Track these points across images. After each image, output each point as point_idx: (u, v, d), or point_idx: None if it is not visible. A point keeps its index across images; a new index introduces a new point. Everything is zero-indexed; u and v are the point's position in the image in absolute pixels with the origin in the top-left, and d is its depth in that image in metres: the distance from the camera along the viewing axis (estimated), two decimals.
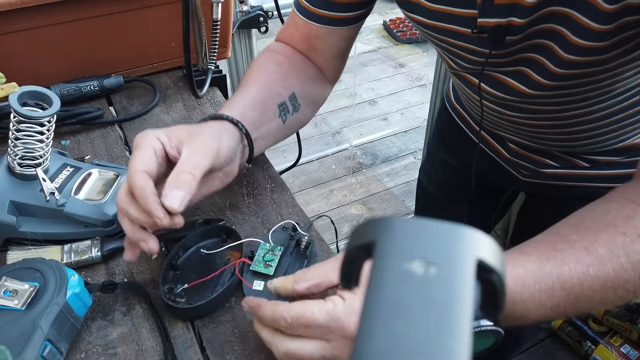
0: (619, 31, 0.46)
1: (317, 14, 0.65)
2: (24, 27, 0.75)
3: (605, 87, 0.55)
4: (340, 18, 0.65)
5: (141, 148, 0.49)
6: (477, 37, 0.54)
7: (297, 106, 0.67)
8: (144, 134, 0.51)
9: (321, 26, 0.66)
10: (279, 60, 0.68)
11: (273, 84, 0.64)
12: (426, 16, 0.57)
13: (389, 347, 0.18)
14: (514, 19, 0.49)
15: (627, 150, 0.67)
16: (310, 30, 0.68)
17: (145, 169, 0.48)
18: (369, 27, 3.29)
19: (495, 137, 0.77)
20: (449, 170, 0.92)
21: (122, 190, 0.49)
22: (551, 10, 0.47)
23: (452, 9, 0.54)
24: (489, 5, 0.50)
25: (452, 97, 0.87)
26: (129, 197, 0.48)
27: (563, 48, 0.49)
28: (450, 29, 0.56)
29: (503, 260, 0.22)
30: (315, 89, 0.72)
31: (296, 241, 0.58)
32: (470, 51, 0.57)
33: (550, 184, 0.75)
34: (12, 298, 0.46)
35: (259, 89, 0.63)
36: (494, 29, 0.51)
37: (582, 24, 0.46)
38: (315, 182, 2.16)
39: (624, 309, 1.40)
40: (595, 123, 0.62)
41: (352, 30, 0.68)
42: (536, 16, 0.48)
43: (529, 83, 0.56)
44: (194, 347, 0.50)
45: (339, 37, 0.68)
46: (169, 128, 0.53)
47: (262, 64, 0.68)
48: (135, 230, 0.49)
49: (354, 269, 0.23)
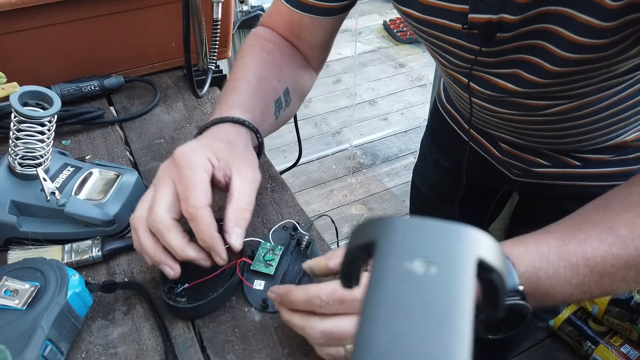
0: (620, 29, 0.46)
1: (301, 2, 0.65)
2: (24, 27, 0.75)
3: (598, 83, 0.55)
4: (326, 7, 0.65)
5: (194, 170, 0.47)
6: (467, 33, 0.54)
7: (288, 101, 0.67)
8: (191, 151, 0.49)
9: (305, 14, 0.66)
10: (270, 49, 0.67)
11: (270, 76, 0.64)
12: (418, 10, 0.57)
13: (389, 346, 0.18)
14: (506, 15, 0.49)
15: (618, 148, 0.68)
16: (294, 19, 0.67)
17: (208, 202, 0.47)
18: (369, 27, 3.29)
19: (486, 137, 0.77)
20: (441, 171, 0.93)
21: (163, 212, 0.47)
22: (546, 10, 0.47)
23: (444, 3, 0.53)
24: (480, 0, 0.50)
25: (443, 96, 0.87)
26: (176, 226, 0.47)
27: (559, 46, 0.49)
28: (442, 24, 0.56)
29: (503, 259, 0.22)
30: (304, 79, 0.72)
31: (297, 241, 0.58)
32: (461, 47, 0.57)
33: (542, 183, 0.75)
34: (12, 298, 0.46)
35: (259, 82, 0.62)
36: (484, 25, 0.51)
37: (582, 21, 0.46)
38: (315, 182, 2.16)
39: (624, 309, 1.40)
40: (586, 119, 0.62)
41: (336, 21, 0.68)
42: (529, 15, 0.48)
43: (520, 82, 0.56)
44: (194, 346, 0.50)
45: (323, 27, 0.68)
46: (209, 142, 0.51)
47: (255, 53, 0.67)
48: (160, 253, 0.48)
49: (354, 268, 0.23)
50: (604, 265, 0.42)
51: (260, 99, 0.61)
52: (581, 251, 0.42)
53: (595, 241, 0.43)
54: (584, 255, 0.42)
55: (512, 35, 0.51)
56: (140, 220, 0.48)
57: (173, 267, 0.48)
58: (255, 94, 0.61)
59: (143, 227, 0.48)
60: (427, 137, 0.97)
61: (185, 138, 0.76)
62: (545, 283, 0.42)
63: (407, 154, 2.30)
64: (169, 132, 0.78)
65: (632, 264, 0.42)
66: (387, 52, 3.07)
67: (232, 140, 0.54)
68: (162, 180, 0.49)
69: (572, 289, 0.42)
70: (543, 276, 0.42)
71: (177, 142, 0.76)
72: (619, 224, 0.43)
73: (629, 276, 0.42)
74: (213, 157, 0.50)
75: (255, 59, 0.66)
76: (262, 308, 0.53)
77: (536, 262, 0.42)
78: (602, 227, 0.43)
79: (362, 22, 3.31)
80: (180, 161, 0.48)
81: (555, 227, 0.45)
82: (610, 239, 0.42)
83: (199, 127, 0.78)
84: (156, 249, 0.48)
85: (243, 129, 0.56)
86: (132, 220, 0.49)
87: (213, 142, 0.52)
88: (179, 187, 0.48)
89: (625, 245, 0.42)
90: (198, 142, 0.51)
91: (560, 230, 0.45)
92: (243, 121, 0.56)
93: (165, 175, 0.49)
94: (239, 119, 0.56)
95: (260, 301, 0.53)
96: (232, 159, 0.51)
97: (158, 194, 0.48)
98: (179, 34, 0.74)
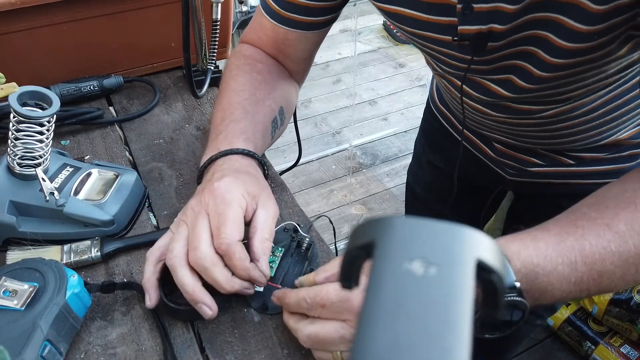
0: (607, 31, 0.46)
1: (286, 17, 0.65)
2: (24, 27, 0.75)
3: (590, 84, 0.55)
4: (310, 22, 0.65)
5: (230, 206, 0.49)
6: (458, 45, 0.54)
7: (283, 119, 0.68)
8: (228, 188, 0.51)
9: (290, 30, 0.66)
10: (259, 69, 0.68)
11: (264, 97, 0.65)
12: (408, 24, 0.57)
13: (389, 347, 0.18)
14: (495, 25, 0.49)
15: (611, 147, 0.68)
16: (278, 34, 0.67)
17: (240, 237, 0.49)
18: (369, 27, 3.29)
19: (481, 137, 0.77)
20: (436, 171, 0.93)
21: (207, 248, 0.48)
22: (535, 17, 0.47)
23: (433, 17, 0.54)
24: (469, 12, 0.50)
25: (437, 97, 0.87)
26: (219, 261, 0.48)
27: (549, 52, 0.49)
28: (433, 37, 0.56)
29: (503, 260, 0.22)
30: (293, 95, 0.72)
31: (297, 242, 0.58)
32: (453, 57, 0.58)
33: (537, 182, 0.75)
34: (11, 298, 0.46)
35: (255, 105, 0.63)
36: (475, 36, 0.51)
37: (569, 26, 0.46)
38: (315, 182, 2.16)
39: (624, 309, 1.40)
40: (579, 119, 0.62)
41: (320, 35, 0.68)
42: (518, 23, 0.48)
43: (513, 88, 0.57)
44: (193, 347, 0.50)
45: (307, 42, 0.68)
46: (240, 178, 0.53)
47: (245, 73, 0.67)
48: (199, 291, 0.48)
49: (354, 269, 0.23)
50: (603, 263, 0.41)
51: (259, 124, 0.62)
52: (579, 248, 0.42)
53: (593, 238, 0.42)
54: (582, 252, 0.42)
55: (502, 44, 0.51)
56: (178, 259, 0.48)
57: (212, 307, 0.49)
58: (254, 119, 0.62)
59: (183, 265, 0.48)
60: (420, 137, 0.97)
61: (184, 138, 0.76)
62: (543, 280, 0.42)
63: (407, 154, 2.30)
64: (168, 133, 0.78)
65: (632, 261, 0.42)
66: (387, 52, 3.07)
67: (253, 174, 0.55)
68: (197, 217, 0.50)
69: (571, 286, 0.42)
70: (541, 273, 0.42)
71: (176, 142, 0.76)
72: (617, 221, 0.42)
73: (628, 274, 0.42)
74: (245, 193, 0.51)
75: (247, 80, 0.66)
76: (261, 310, 0.52)
77: (533, 259, 0.42)
78: (599, 223, 0.43)
79: (362, 22, 3.31)
80: (217, 197, 0.50)
81: (552, 224, 0.45)
82: (608, 235, 0.42)
83: (197, 127, 0.78)
84: (195, 288, 0.48)
85: (254, 161, 0.58)
86: (171, 259, 0.49)
87: (241, 176, 0.53)
88: (213, 222, 0.49)
89: (624, 242, 0.41)
90: (231, 178, 0.52)
91: (557, 227, 0.44)
92: (253, 154, 0.58)
93: (199, 211, 0.50)
94: (249, 152, 0.57)
95: (260, 303, 0.53)
96: (259, 194, 0.53)
97: (197, 230, 0.49)
98: (178, 34, 0.74)
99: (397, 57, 3.02)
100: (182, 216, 0.52)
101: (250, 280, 0.49)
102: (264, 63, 0.69)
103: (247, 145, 0.58)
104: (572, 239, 0.42)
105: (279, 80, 0.69)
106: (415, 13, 0.55)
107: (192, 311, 0.50)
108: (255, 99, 0.64)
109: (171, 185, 0.68)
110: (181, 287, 0.48)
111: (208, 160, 0.57)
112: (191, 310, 0.50)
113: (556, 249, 0.42)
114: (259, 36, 0.70)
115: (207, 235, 0.48)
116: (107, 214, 0.58)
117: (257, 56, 0.69)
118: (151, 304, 0.50)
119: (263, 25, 0.69)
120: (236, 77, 0.66)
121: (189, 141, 0.76)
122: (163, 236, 0.53)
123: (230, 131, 0.59)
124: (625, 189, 0.46)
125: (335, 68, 2.86)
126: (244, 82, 0.65)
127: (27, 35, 0.76)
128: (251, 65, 0.68)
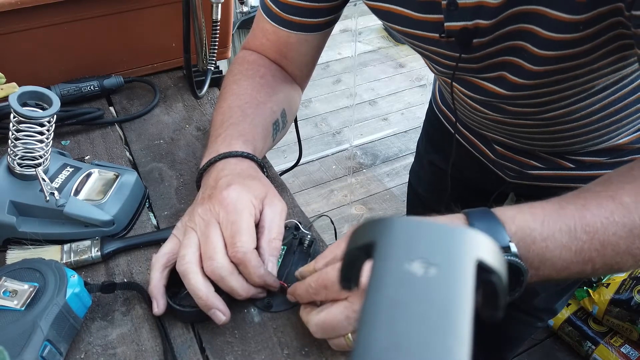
0: (593, 22, 0.46)
1: (286, 20, 0.65)
2: (24, 27, 0.75)
3: (584, 84, 0.55)
4: (310, 24, 0.65)
5: (241, 215, 0.49)
6: (446, 42, 0.54)
7: (285, 122, 0.68)
8: (237, 196, 0.50)
9: (291, 32, 0.66)
10: (262, 73, 0.68)
11: (266, 100, 0.65)
12: (397, 23, 0.57)
13: (389, 347, 0.18)
14: (480, 21, 0.50)
15: (611, 151, 0.68)
16: (280, 38, 0.68)
17: (254, 245, 0.49)
18: (369, 28, 3.29)
19: (481, 139, 0.77)
20: (437, 171, 0.93)
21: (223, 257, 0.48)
22: (518, 10, 0.48)
23: (421, 15, 0.54)
24: (454, 8, 0.50)
25: (438, 97, 0.87)
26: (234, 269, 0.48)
27: (537, 45, 0.49)
28: (421, 35, 0.56)
29: (503, 260, 0.22)
30: (296, 99, 0.72)
31: (299, 240, 0.58)
32: (442, 55, 0.58)
33: (537, 185, 0.75)
34: (11, 298, 0.46)
35: (256, 108, 0.63)
36: (461, 32, 0.52)
37: (553, 17, 0.46)
38: (315, 182, 2.16)
39: (624, 309, 1.40)
40: (577, 122, 0.62)
41: (322, 37, 0.68)
42: (503, 17, 0.48)
43: (507, 85, 0.57)
44: (193, 347, 0.50)
45: (309, 45, 0.68)
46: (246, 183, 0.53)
47: (248, 77, 0.67)
48: (213, 298, 0.48)
49: (354, 269, 0.23)
50: (605, 232, 0.40)
51: (259, 126, 0.62)
52: (579, 216, 0.41)
53: (594, 207, 0.41)
54: (582, 220, 0.40)
55: (489, 40, 0.51)
56: (191, 265, 0.48)
57: (225, 313, 0.49)
58: (253, 121, 0.62)
59: (196, 272, 0.48)
60: (422, 137, 0.97)
61: (184, 139, 0.76)
62: (541, 245, 0.40)
63: (407, 154, 2.30)
64: (168, 133, 0.78)
65: (637, 233, 0.40)
66: (387, 52, 3.07)
67: (255, 175, 0.55)
68: (208, 226, 0.50)
69: (572, 255, 0.41)
70: (538, 237, 0.40)
71: (176, 142, 0.76)
72: (622, 193, 0.41)
73: (634, 247, 0.40)
74: (253, 198, 0.51)
75: (249, 84, 0.66)
76: (266, 308, 0.53)
77: (530, 223, 0.41)
78: (602, 195, 0.42)
79: (362, 22, 3.31)
80: (228, 206, 0.50)
81: (553, 198, 0.44)
82: (611, 205, 0.41)
83: (197, 127, 0.78)
84: (209, 295, 0.48)
85: (253, 163, 0.58)
86: (183, 266, 0.48)
87: (246, 182, 0.53)
88: (226, 232, 0.49)
89: (629, 213, 0.40)
90: (237, 186, 0.52)
91: (557, 199, 0.43)
92: (252, 156, 0.58)
93: (210, 219, 0.50)
94: (247, 154, 0.57)
95: (265, 301, 0.53)
96: (265, 195, 0.53)
97: (211, 240, 0.49)
98: (179, 34, 0.74)
99: (397, 57, 3.02)
100: (190, 223, 0.52)
101: (264, 287, 0.50)
102: (267, 68, 0.69)
103: (246, 147, 0.58)
104: (572, 207, 0.41)
105: (282, 84, 0.69)
106: (405, 11, 0.55)
107: (196, 313, 0.50)
108: (256, 102, 0.64)
109: (171, 186, 0.68)
110: (194, 293, 0.48)
111: (207, 163, 0.57)
112: (195, 312, 0.50)
113: (554, 216, 0.41)
114: (261, 42, 0.70)
115: (221, 245, 0.48)
116: (107, 214, 0.58)
117: (260, 61, 0.70)
118: (159, 311, 0.50)
119: (265, 29, 0.69)
120: (238, 82, 0.66)
121: (189, 141, 0.76)
122: (167, 242, 0.53)
123: (229, 133, 0.59)
124: (632, 167, 0.45)
125: (335, 68, 2.86)
126: (245, 86, 0.66)
127: (27, 35, 0.76)
128: (254, 70, 0.68)
